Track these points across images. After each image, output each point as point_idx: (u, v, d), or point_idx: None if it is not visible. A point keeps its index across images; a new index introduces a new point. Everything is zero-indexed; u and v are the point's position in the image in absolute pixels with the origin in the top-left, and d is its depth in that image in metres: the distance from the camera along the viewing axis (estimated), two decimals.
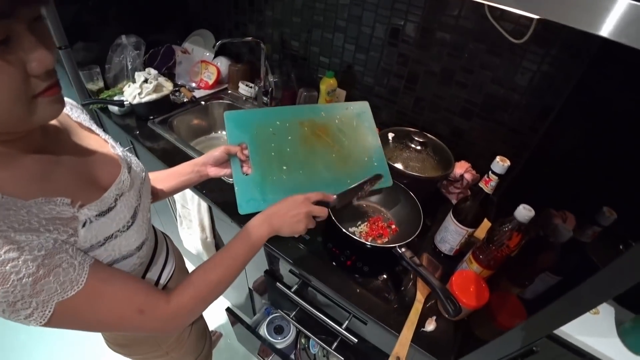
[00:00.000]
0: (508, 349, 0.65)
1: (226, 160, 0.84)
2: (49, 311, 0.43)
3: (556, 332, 0.61)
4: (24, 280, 0.41)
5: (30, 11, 0.38)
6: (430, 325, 0.81)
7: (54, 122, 0.56)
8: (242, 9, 1.57)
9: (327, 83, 1.29)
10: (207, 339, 1.05)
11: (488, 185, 0.79)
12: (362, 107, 0.99)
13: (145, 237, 0.61)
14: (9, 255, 0.40)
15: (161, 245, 0.75)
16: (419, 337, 0.79)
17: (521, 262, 0.79)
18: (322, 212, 0.73)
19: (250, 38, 1.41)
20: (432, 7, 1.06)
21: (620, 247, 0.70)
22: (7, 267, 0.39)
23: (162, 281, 0.71)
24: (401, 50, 1.18)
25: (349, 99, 1.40)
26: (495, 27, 0.97)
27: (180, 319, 0.59)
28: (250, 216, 0.72)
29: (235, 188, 0.78)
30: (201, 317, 1.03)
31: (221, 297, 1.88)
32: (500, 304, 0.78)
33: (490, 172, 0.78)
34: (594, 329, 0.63)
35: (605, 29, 0.44)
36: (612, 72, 0.88)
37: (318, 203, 0.74)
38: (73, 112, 0.63)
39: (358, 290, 0.86)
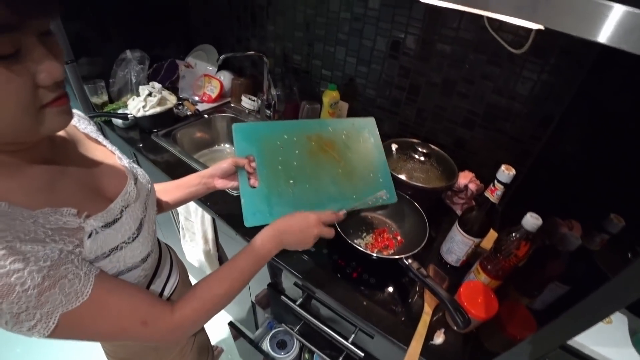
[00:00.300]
0: None
1: (233, 173, 0.84)
2: (53, 323, 0.43)
3: (569, 342, 0.60)
4: (29, 291, 0.40)
5: (39, 24, 0.39)
6: (439, 338, 0.79)
7: (61, 132, 0.56)
8: (244, 23, 1.59)
9: (330, 96, 1.30)
10: (210, 353, 1.03)
11: (494, 194, 0.79)
12: (368, 123, 1.00)
13: (150, 249, 0.61)
14: (14, 266, 0.39)
15: (165, 257, 0.74)
16: (428, 351, 0.77)
17: (529, 272, 0.78)
18: (331, 233, 0.75)
19: (252, 52, 1.43)
20: (431, 20, 1.08)
21: (629, 255, 0.70)
22: (12, 279, 0.39)
23: (166, 293, 0.71)
24: (402, 63, 1.19)
25: (351, 111, 1.40)
26: (494, 38, 0.98)
27: (182, 330, 0.58)
28: (255, 229, 0.72)
29: (242, 200, 0.78)
30: (204, 330, 1.02)
31: (223, 312, 1.86)
32: (510, 314, 0.77)
33: (495, 181, 0.78)
34: (607, 338, 0.62)
35: (603, 36, 0.45)
36: (611, 77, 0.89)
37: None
38: (81, 123, 0.64)
39: (364, 303, 0.84)
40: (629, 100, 0.86)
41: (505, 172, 0.75)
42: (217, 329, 1.81)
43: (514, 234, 0.74)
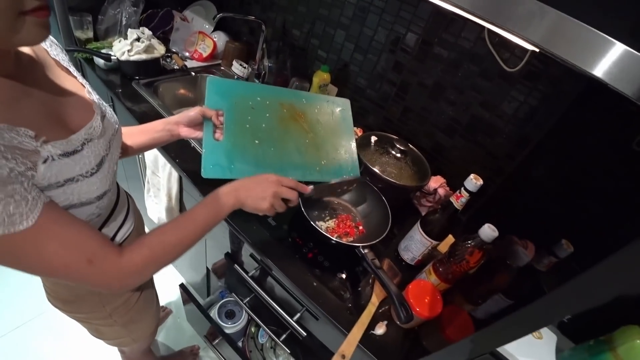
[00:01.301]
0: None
1: (200, 123, 0.82)
2: None
3: (500, 350, 0.63)
4: None
5: None
6: (380, 329, 0.81)
7: (29, 52, 0.53)
8: None
9: (321, 77, 1.28)
10: (155, 310, 1.02)
11: (459, 200, 0.81)
12: (344, 104, 1.00)
13: (108, 187, 0.59)
14: None
15: (122, 202, 0.72)
16: (368, 339, 0.79)
17: (478, 281, 0.81)
18: (292, 195, 0.73)
19: (252, 18, 1.39)
20: (435, 22, 1.07)
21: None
22: None
23: (118, 239, 0.69)
24: (398, 58, 1.19)
25: (339, 96, 1.39)
26: (491, 52, 0.99)
27: (129, 277, 0.56)
28: (214, 183, 0.71)
29: (203, 151, 0.76)
30: (153, 286, 1.00)
31: (176, 272, 1.84)
32: (452, 318, 0.80)
33: (462, 188, 0.79)
34: (535, 352, 0.65)
35: (600, 69, 0.46)
36: (590, 116, 0.92)
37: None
38: (52, 49, 0.60)
39: (315, 284, 0.85)
40: (603, 139, 0.89)
41: (473, 181, 0.77)
42: (168, 290, 1.78)
43: (469, 242, 0.76)
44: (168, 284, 1.81)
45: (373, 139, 1.11)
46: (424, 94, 1.18)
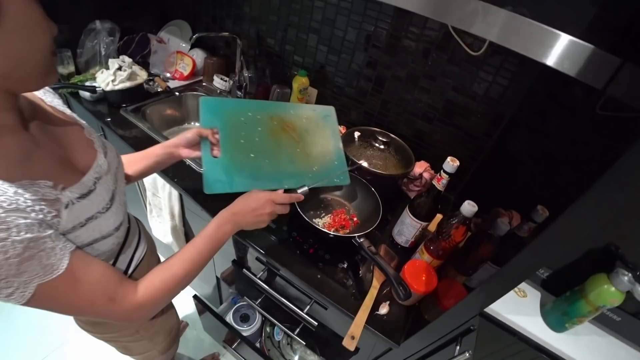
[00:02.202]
0: (448, 327, 0.74)
1: (197, 143, 0.87)
2: (30, 292, 0.46)
3: (488, 311, 0.70)
4: (10, 260, 0.43)
5: None
6: (383, 309, 0.88)
7: (28, 103, 0.57)
8: (219, 2, 1.59)
9: (300, 82, 1.34)
10: (176, 320, 1.08)
11: (440, 182, 0.87)
12: (328, 111, 1.06)
13: (122, 218, 0.65)
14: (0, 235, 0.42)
15: (134, 227, 0.78)
16: (373, 320, 0.86)
17: (466, 253, 0.88)
18: (286, 210, 0.80)
19: (227, 33, 1.44)
20: (400, 17, 1.13)
21: None
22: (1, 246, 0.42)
23: (135, 261, 0.75)
24: (370, 55, 1.25)
25: (320, 97, 1.46)
26: (455, 39, 1.05)
27: (145, 309, 0.62)
28: (218, 202, 0.77)
29: (204, 168, 0.81)
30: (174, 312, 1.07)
31: (188, 287, 1.90)
32: (448, 290, 0.87)
33: (441, 171, 0.86)
34: (521, 309, 0.72)
35: (551, 60, 0.54)
36: (555, 87, 0.98)
37: None
38: (46, 96, 0.64)
39: (319, 276, 0.92)
40: (569, 107, 0.96)
41: (450, 163, 0.84)
42: (182, 304, 1.85)
43: (453, 219, 0.83)
44: (181, 298, 1.87)
45: (356, 134, 1.18)
46: (399, 86, 1.24)
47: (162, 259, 0.90)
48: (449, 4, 0.62)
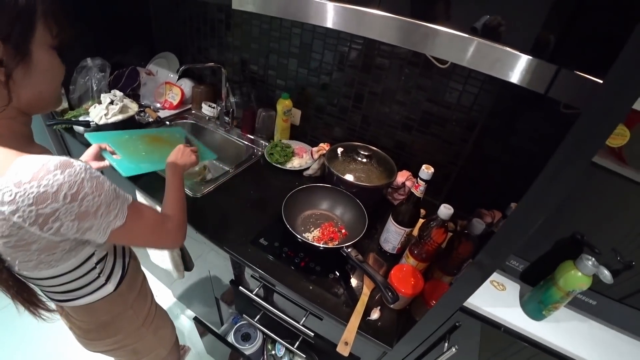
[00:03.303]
0: (434, 324, 0.78)
1: (100, 155, 1.08)
2: (125, 212, 0.63)
3: (469, 306, 0.74)
4: (110, 187, 0.60)
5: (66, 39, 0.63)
6: (375, 314, 0.92)
7: None
8: (204, 34, 1.68)
9: (283, 104, 1.41)
10: (168, 315, 1.16)
11: (418, 189, 0.93)
12: (179, 130, 1.49)
13: None
14: (96, 173, 0.58)
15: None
16: (366, 325, 0.90)
17: (448, 254, 0.92)
18: (194, 150, 1.10)
19: (212, 63, 1.52)
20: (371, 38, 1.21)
21: None
22: (101, 179, 0.59)
23: (128, 256, 0.90)
24: (347, 74, 1.32)
25: (303, 117, 1.52)
26: (424, 55, 1.13)
27: (180, 225, 0.84)
28: (202, 220, 0.98)
29: (114, 164, 1.11)
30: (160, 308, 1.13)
31: (188, 311, 1.92)
32: (434, 291, 0.91)
33: (418, 179, 0.91)
34: (501, 302, 0.76)
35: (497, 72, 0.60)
36: (520, 90, 1.05)
37: None
38: None
39: (311, 288, 0.96)
40: (536, 108, 1.02)
41: (425, 171, 0.89)
42: (182, 329, 1.86)
43: (432, 222, 0.88)
44: (181, 323, 1.88)
45: (339, 150, 1.24)
46: (376, 101, 1.31)
47: (159, 282, 0.96)
48: (411, 34, 0.69)
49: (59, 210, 0.53)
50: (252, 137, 1.58)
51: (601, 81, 0.46)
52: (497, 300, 0.77)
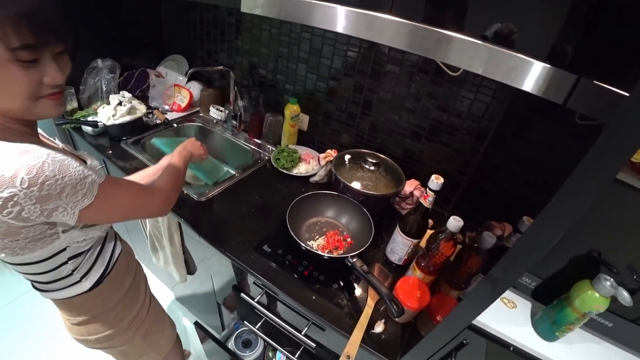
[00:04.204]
0: (440, 342, 0.74)
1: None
2: (95, 191, 0.63)
3: (477, 324, 0.71)
4: (77, 168, 0.60)
5: (52, 48, 0.58)
6: (379, 328, 0.89)
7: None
8: (214, 38, 1.68)
9: (291, 109, 1.40)
10: (169, 322, 1.17)
11: (426, 200, 0.90)
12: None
13: None
14: (63, 156, 0.59)
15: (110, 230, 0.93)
16: (370, 338, 0.87)
17: (457, 268, 0.89)
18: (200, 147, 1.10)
19: (220, 67, 1.51)
20: (382, 44, 1.19)
21: None
22: (66, 161, 0.59)
23: (115, 255, 0.89)
24: (357, 80, 1.30)
25: (311, 123, 1.51)
26: (435, 61, 1.10)
27: (167, 195, 0.83)
28: (210, 225, 0.93)
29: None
30: (157, 300, 1.13)
31: (189, 314, 1.91)
32: (441, 305, 0.88)
33: (427, 189, 0.89)
34: (511, 320, 0.73)
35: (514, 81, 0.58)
36: (534, 99, 1.02)
37: None
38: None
39: (314, 297, 0.93)
40: (550, 118, 0.99)
41: (435, 181, 0.87)
42: (184, 333, 1.84)
43: (440, 235, 0.85)
44: (182, 326, 1.87)
45: (347, 157, 1.22)
46: (385, 108, 1.29)
47: (160, 283, 0.95)
48: (423, 40, 0.67)
49: (17, 195, 0.53)
50: (259, 141, 1.57)
51: (627, 94, 0.44)
52: (507, 318, 0.73)
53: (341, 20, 0.75)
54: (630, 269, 0.68)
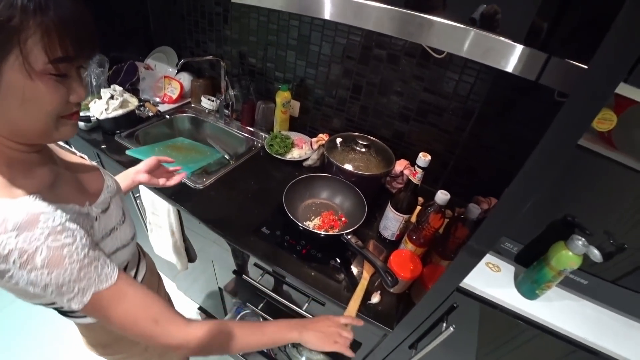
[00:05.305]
0: (432, 305, 0.81)
1: (156, 168, 1.00)
2: (87, 299, 0.52)
3: (466, 287, 0.77)
4: (74, 265, 0.49)
5: (84, 61, 0.52)
6: (375, 298, 0.95)
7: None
8: (202, 28, 1.68)
9: (282, 96, 1.43)
10: None
11: (415, 177, 0.95)
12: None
13: (134, 229, 0.75)
14: (66, 240, 0.49)
15: (134, 251, 0.83)
16: (367, 308, 0.93)
17: (446, 239, 0.95)
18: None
19: (210, 57, 1.53)
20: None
21: None
22: (64, 251, 0.49)
23: (139, 278, 0.83)
24: (345, 65, 1.34)
25: (302, 109, 1.54)
26: (421, 45, 1.14)
27: (189, 344, 0.62)
28: (211, 211, 0.89)
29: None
30: (162, 284, 1.08)
31: (190, 301, 1.96)
32: (433, 275, 0.93)
33: (415, 166, 0.94)
34: (496, 283, 0.79)
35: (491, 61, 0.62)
36: (514, 78, 1.07)
37: None
38: None
39: (313, 274, 0.99)
40: (530, 96, 1.04)
41: (422, 158, 0.92)
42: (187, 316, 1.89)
43: (429, 208, 0.91)
44: (185, 313, 1.92)
45: (338, 140, 1.26)
46: (374, 91, 1.33)
47: (163, 277, 0.96)
48: (407, 25, 0.70)
49: (10, 270, 0.47)
50: (251, 129, 1.60)
51: (586, 67, 0.48)
52: (493, 281, 0.79)
53: (328, 7, 0.79)
54: (607, 234, 0.74)
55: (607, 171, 0.69)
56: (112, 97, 1.46)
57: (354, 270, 1.03)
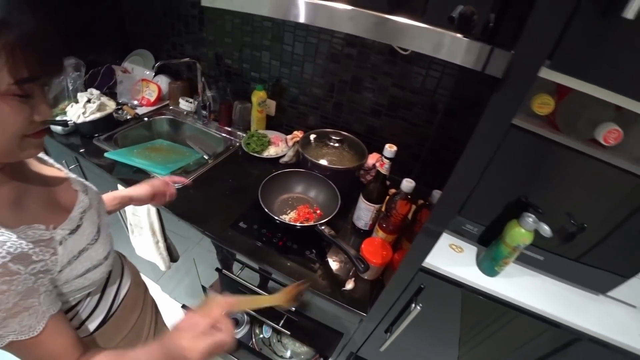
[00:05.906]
0: (401, 286, 0.85)
1: (150, 198, 0.96)
2: (2, 344, 0.50)
3: (430, 267, 0.81)
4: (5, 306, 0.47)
5: (49, 80, 0.51)
6: (349, 285, 0.99)
7: None
8: (178, 30, 1.71)
9: (258, 96, 1.46)
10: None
11: (383, 167, 1.00)
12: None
13: (110, 247, 0.71)
14: (1, 286, 0.46)
15: (116, 264, 0.81)
16: (342, 295, 0.97)
17: (413, 225, 1.00)
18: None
19: (187, 59, 1.56)
20: None
21: None
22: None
23: (122, 294, 0.79)
24: (318, 64, 1.38)
25: (278, 108, 1.58)
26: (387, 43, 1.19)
27: None
28: (189, 207, 0.89)
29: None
30: (164, 322, 1.09)
31: (176, 303, 1.96)
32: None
33: (382, 157, 0.98)
34: (459, 262, 0.84)
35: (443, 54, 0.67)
36: (475, 73, 1.13)
37: None
38: None
39: (289, 264, 1.03)
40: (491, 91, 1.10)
41: (389, 149, 0.97)
42: (170, 315, 1.90)
43: (396, 196, 0.95)
44: (169, 309, 1.92)
45: (312, 136, 1.30)
46: (346, 89, 1.38)
47: (147, 280, 0.96)
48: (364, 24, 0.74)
49: None
50: (229, 129, 1.63)
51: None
52: (456, 261, 0.84)
53: (295, 10, 0.82)
54: (556, 210, 0.79)
55: (553, 152, 0.74)
56: (89, 101, 1.47)
57: (329, 259, 1.07)
